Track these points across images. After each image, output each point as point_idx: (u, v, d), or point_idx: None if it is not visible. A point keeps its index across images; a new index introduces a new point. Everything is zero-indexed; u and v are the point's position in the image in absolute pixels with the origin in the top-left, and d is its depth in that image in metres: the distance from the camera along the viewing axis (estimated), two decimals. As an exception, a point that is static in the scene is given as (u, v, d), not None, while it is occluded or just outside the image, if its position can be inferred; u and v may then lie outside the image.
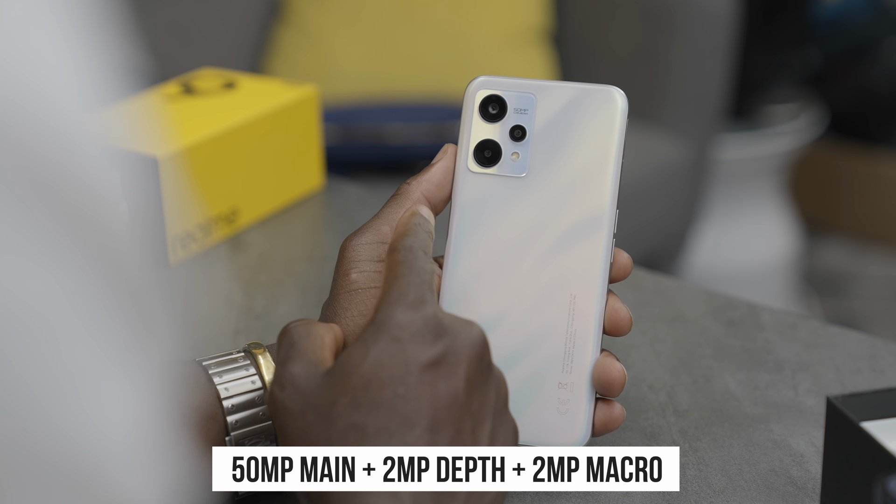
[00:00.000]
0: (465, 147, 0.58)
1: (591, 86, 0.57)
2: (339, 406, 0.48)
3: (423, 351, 0.49)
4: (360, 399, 0.48)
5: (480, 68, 1.79)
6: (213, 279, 0.83)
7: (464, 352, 0.50)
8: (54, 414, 0.28)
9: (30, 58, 0.28)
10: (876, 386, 0.68)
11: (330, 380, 0.49)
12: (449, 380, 0.49)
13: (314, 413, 0.49)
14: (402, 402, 0.48)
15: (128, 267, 0.30)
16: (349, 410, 0.48)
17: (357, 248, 0.57)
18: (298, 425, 0.49)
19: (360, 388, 0.48)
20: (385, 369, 0.48)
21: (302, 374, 0.50)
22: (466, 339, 0.50)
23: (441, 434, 0.48)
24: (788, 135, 2.20)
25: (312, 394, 0.49)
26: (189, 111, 0.89)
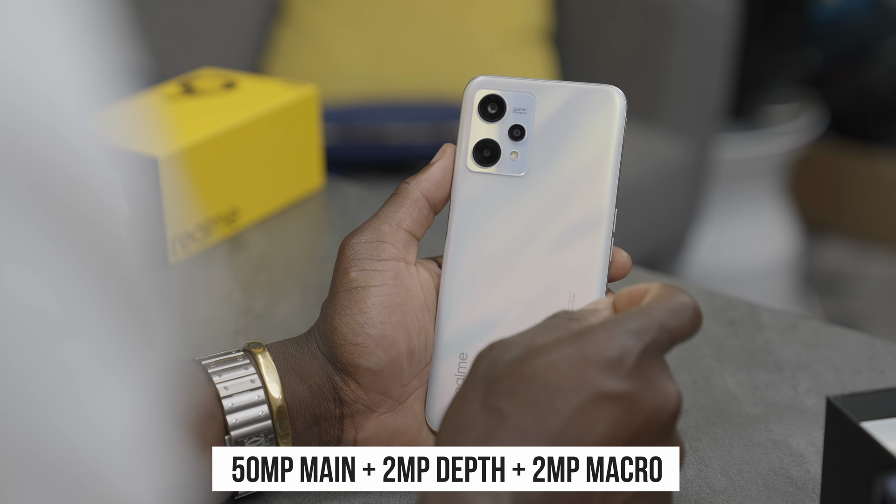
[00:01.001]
0: (465, 146, 0.58)
1: (589, 85, 0.58)
2: (500, 385, 0.47)
3: (606, 379, 0.46)
4: (520, 388, 0.46)
5: (480, 68, 1.79)
6: (212, 279, 0.83)
7: (649, 406, 0.46)
8: (51, 415, 0.28)
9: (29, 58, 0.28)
10: (876, 386, 0.68)
11: (513, 360, 0.47)
12: (613, 422, 0.46)
13: (485, 383, 0.47)
14: (554, 416, 0.46)
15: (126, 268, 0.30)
16: (504, 393, 0.46)
17: (356, 247, 0.57)
18: (469, 384, 0.48)
19: (527, 377, 0.46)
20: (558, 375, 0.46)
21: (511, 346, 0.48)
22: (660, 395, 0.46)
23: None
24: (788, 135, 2.20)
25: (497, 365, 0.47)
26: (189, 111, 0.89)
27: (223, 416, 0.55)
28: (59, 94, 0.28)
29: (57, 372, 0.28)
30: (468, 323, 0.58)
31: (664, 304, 0.48)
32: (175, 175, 0.82)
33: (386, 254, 0.57)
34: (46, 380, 0.27)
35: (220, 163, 0.86)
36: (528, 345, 0.48)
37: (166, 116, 0.88)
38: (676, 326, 0.48)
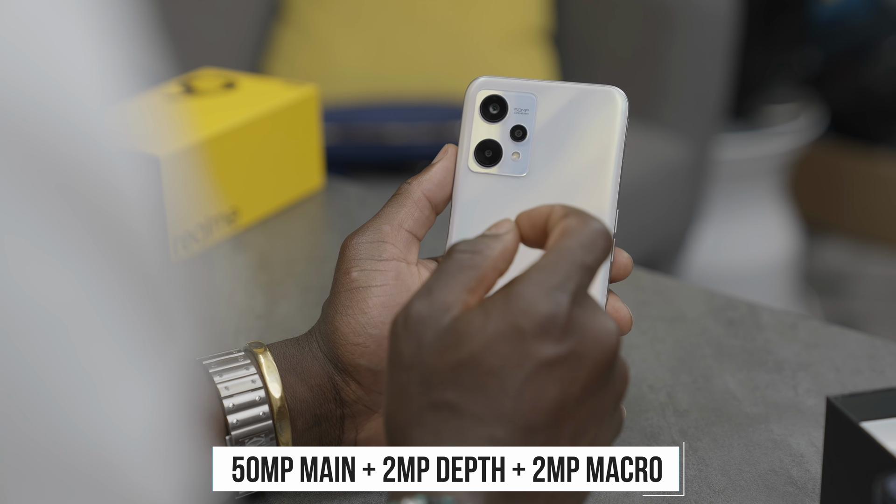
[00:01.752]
0: (466, 147, 0.59)
1: (591, 86, 0.58)
2: (441, 374, 0.46)
3: (544, 347, 0.45)
4: (463, 377, 0.45)
5: (480, 68, 1.79)
6: (213, 279, 0.83)
7: (591, 353, 0.46)
8: (72, 413, 0.28)
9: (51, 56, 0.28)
10: (876, 386, 0.68)
11: (444, 340, 0.46)
12: (562, 384, 0.46)
13: (418, 372, 0.46)
14: (504, 397, 0.45)
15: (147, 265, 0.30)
16: (450, 383, 0.45)
17: (357, 247, 0.57)
18: (402, 377, 0.46)
19: (467, 364, 0.45)
20: (498, 357, 0.45)
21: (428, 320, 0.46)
22: (598, 341, 0.46)
23: (536, 436, 0.46)
24: (788, 135, 2.20)
25: (425, 349, 0.46)
26: (189, 111, 0.89)
27: (224, 416, 0.55)
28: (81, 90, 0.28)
29: (79, 370, 0.28)
30: None
31: (577, 241, 0.47)
32: (176, 175, 0.82)
33: (387, 254, 0.57)
34: (68, 378, 0.28)
35: (220, 163, 0.86)
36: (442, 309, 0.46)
37: (167, 116, 0.89)
38: (594, 260, 0.47)
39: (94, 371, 0.28)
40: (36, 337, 0.27)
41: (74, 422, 0.28)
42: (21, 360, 0.27)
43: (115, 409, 0.29)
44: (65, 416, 0.28)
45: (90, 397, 0.28)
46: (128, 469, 0.29)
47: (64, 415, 0.28)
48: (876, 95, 2.50)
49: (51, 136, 0.27)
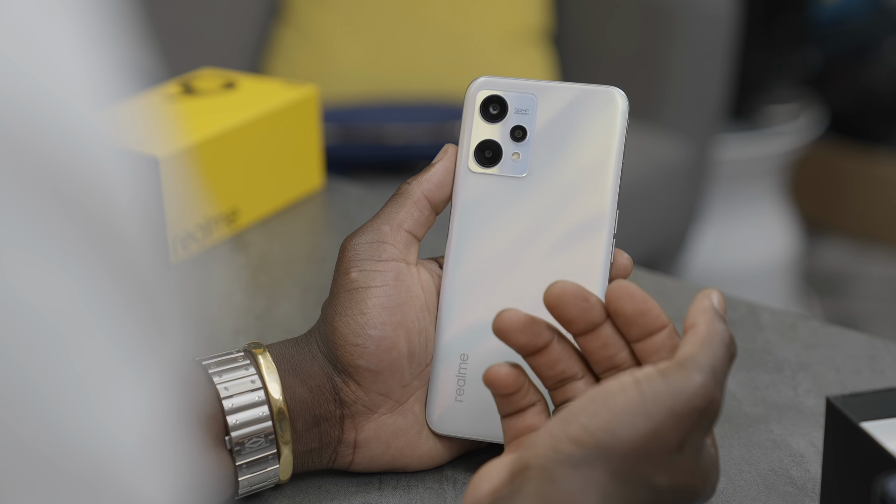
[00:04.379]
0: (466, 147, 0.59)
1: (591, 87, 0.58)
2: None
3: None
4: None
5: (480, 68, 1.79)
6: (213, 279, 0.83)
7: None
8: (66, 415, 0.28)
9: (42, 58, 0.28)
10: (876, 386, 0.68)
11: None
12: None
13: None
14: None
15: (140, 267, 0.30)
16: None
17: (357, 248, 0.57)
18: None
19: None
20: None
21: None
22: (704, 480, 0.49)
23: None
24: (788, 135, 2.20)
25: None
26: (189, 111, 0.89)
27: (223, 416, 0.55)
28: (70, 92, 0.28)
29: (72, 373, 0.28)
30: (469, 324, 0.58)
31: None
32: (175, 175, 0.82)
33: (387, 254, 0.57)
34: (61, 381, 0.28)
35: (220, 163, 0.86)
36: None
37: (167, 116, 0.88)
38: (719, 362, 0.49)
39: (89, 374, 0.28)
40: (30, 340, 0.27)
41: (68, 425, 0.28)
42: (15, 363, 0.27)
43: (110, 412, 0.28)
44: (59, 419, 0.28)
45: (84, 401, 0.28)
46: (122, 472, 0.29)
47: (58, 418, 0.27)
48: (876, 95, 2.50)
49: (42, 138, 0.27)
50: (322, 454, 0.58)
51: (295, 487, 0.59)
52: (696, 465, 0.48)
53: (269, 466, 0.57)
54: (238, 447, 0.56)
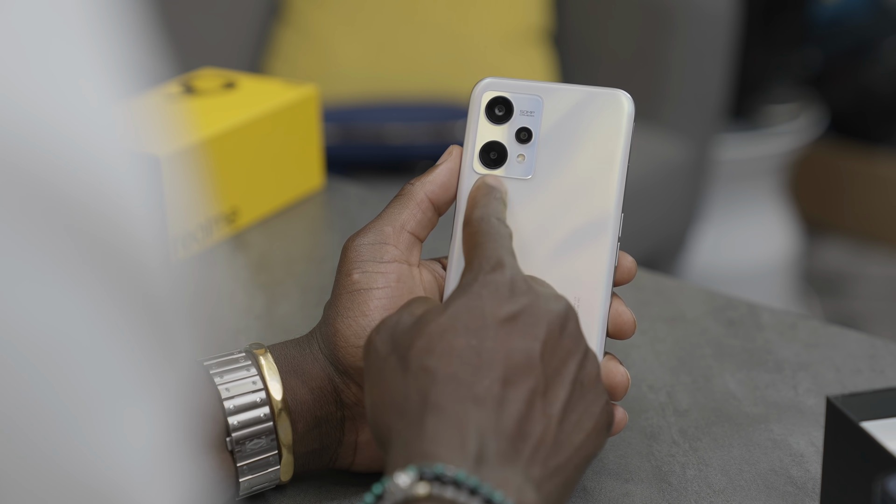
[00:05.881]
0: (471, 148, 0.58)
1: (598, 89, 0.57)
2: (414, 349, 0.49)
3: (501, 306, 0.50)
4: (434, 344, 0.49)
5: (480, 68, 1.79)
6: (213, 279, 0.83)
7: (544, 315, 0.50)
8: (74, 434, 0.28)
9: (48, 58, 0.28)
10: (876, 386, 0.68)
11: (412, 327, 0.50)
12: (525, 338, 0.49)
13: (395, 357, 0.50)
14: (475, 353, 0.48)
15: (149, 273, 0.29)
16: (423, 354, 0.49)
17: (359, 249, 0.57)
18: (380, 367, 0.50)
19: (435, 334, 0.49)
20: (461, 320, 0.49)
21: (397, 321, 0.51)
22: (548, 304, 0.50)
23: (513, 387, 0.48)
24: (788, 135, 2.20)
25: (398, 339, 0.50)
26: (189, 111, 0.89)
27: (224, 417, 0.55)
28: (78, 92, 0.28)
29: (79, 390, 0.28)
30: None
31: (484, 233, 0.54)
32: (176, 175, 0.82)
33: (389, 256, 0.57)
34: (68, 398, 0.27)
35: (220, 163, 0.86)
36: (409, 314, 0.51)
37: (167, 116, 0.88)
38: (506, 234, 0.54)
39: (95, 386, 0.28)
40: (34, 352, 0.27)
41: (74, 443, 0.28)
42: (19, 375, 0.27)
43: (117, 425, 0.28)
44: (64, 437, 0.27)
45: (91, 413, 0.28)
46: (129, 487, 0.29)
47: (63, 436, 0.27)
48: (876, 95, 2.50)
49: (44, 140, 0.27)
50: (323, 455, 0.58)
51: (295, 487, 0.59)
52: None
53: (270, 468, 0.56)
54: (239, 448, 0.56)
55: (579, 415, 0.50)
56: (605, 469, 0.61)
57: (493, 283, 0.50)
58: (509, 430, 0.47)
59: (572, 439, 0.49)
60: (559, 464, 0.49)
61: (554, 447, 0.49)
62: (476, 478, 0.45)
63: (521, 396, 0.48)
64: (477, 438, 0.47)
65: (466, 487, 0.45)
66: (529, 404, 0.48)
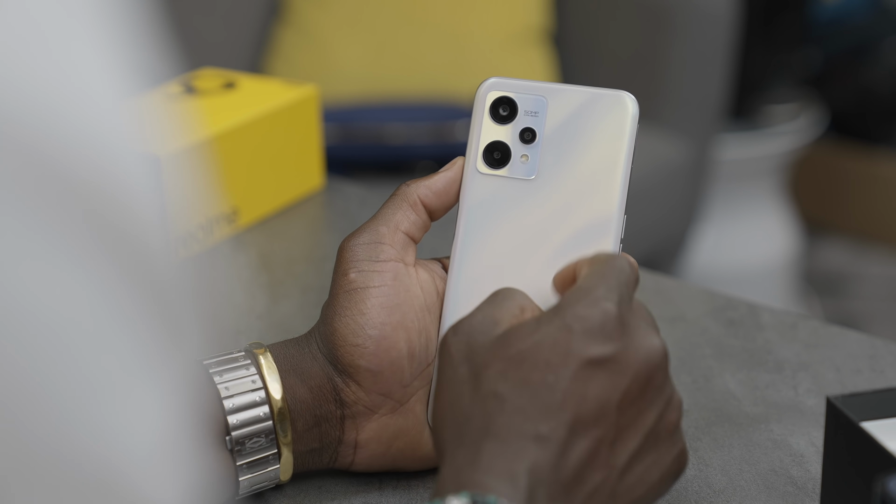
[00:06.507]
0: (475, 148, 0.58)
1: (602, 90, 0.57)
2: (489, 370, 0.47)
3: (590, 347, 0.47)
4: (510, 372, 0.47)
5: (480, 68, 1.79)
6: (214, 278, 0.83)
7: (634, 363, 0.48)
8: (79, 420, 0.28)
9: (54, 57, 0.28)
10: (876, 386, 0.68)
11: (494, 344, 0.48)
12: (605, 385, 0.47)
13: (468, 368, 0.48)
14: (548, 391, 0.47)
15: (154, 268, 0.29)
16: (496, 378, 0.47)
17: (355, 249, 0.57)
18: (451, 374, 0.49)
19: (514, 361, 0.47)
20: (544, 352, 0.47)
21: (478, 328, 0.49)
22: (643, 350, 0.48)
23: (579, 435, 0.46)
24: (788, 135, 2.20)
25: (476, 350, 0.48)
26: (189, 111, 0.89)
27: (224, 416, 0.55)
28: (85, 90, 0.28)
29: (85, 377, 0.28)
30: None
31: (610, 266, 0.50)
32: (177, 174, 0.82)
33: (385, 255, 0.57)
34: (75, 385, 0.27)
35: (220, 163, 0.86)
36: (492, 322, 0.49)
37: (168, 116, 0.88)
38: (628, 278, 0.50)
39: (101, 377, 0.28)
40: (41, 342, 0.27)
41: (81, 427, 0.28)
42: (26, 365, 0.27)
43: (122, 415, 0.28)
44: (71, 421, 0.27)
45: (96, 403, 0.28)
46: (134, 474, 0.29)
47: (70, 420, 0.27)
48: (876, 95, 2.50)
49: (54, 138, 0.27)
50: (323, 454, 0.58)
51: (295, 487, 0.59)
52: None
53: (269, 466, 0.57)
54: (238, 447, 0.56)
55: (648, 465, 0.49)
56: (605, 469, 0.61)
57: (590, 319, 0.48)
58: (566, 477, 0.46)
59: (634, 490, 0.48)
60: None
61: (611, 496, 0.47)
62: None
63: (586, 445, 0.47)
64: (529, 477, 0.45)
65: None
66: (593, 453, 0.47)
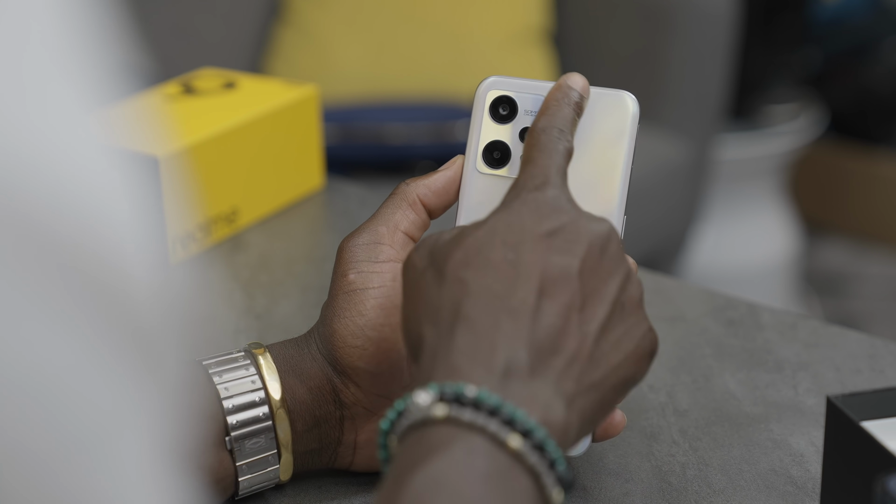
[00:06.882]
0: (474, 148, 0.58)
1: (602, 90, 0.57)
2: (451, 262, 0.48)
3: (540, 223, 0.49)
4: (470, 258, 0.48)
5: (480, 68, 1.79)
6: (213, 279, 0.83)
7: (584, 234, 0.49)
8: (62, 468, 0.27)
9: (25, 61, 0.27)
10: (876, 386, 0.68)
11: (450, 241, 0.49)
12: (563, 254, 0.48)
13: (432, 270, 0.49)
14: (510, 266, 0.48)
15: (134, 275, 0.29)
16: (459, 267, 0.48)
17: (354, 249, 0.57)
18: (416, 280, 0.49)
19: (472, 248, 0.48)
20: (499, 235, 0.48)
21: (436, 237, 0.50)
22: (589, 223, 0.49)
23: (549, 300, 0.47)
24: (788, 135, 2.20)
25: (436, 252, 0.49)
26: (189, 111, 0.89)
27: (223, 416, 0.55)
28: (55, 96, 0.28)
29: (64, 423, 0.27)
30: None
31: (540, 148, 0.53)
32: (176, 175, 0.82)
33: (384, 255, 0.57)
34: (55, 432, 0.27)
35: (220, 163, 0.86)
36: (451, 231, 0.50)
37: (167, 116, 0.88)
38: (567, 122, 0.54)
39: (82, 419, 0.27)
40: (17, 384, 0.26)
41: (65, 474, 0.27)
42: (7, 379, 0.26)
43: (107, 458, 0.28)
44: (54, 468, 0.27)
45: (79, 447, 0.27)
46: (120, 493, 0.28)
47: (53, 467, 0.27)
48: (876, 95, 2.50)
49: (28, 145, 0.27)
50: (322, 455, 0.58)
51: (295, 487, 0.59)
52: None
53: (269, 467, 0.56)
54: (238, 447, 0.56)
55: (619, 335, 0.49)
56: (605, 469, 0.61)
57: (534, 200, 0.50)
58: (542, 343, 0.46)
59: (610, 358, 0.48)
60: (594, 381, 0.47)
61: (589, 364, 0.47)
62: (498, 396, 0.44)
63: (556, 309, 0.47)
64: (506, 350, 0.45)
65: (486, 408, 0.43)
66: (565, 318, 0.47)
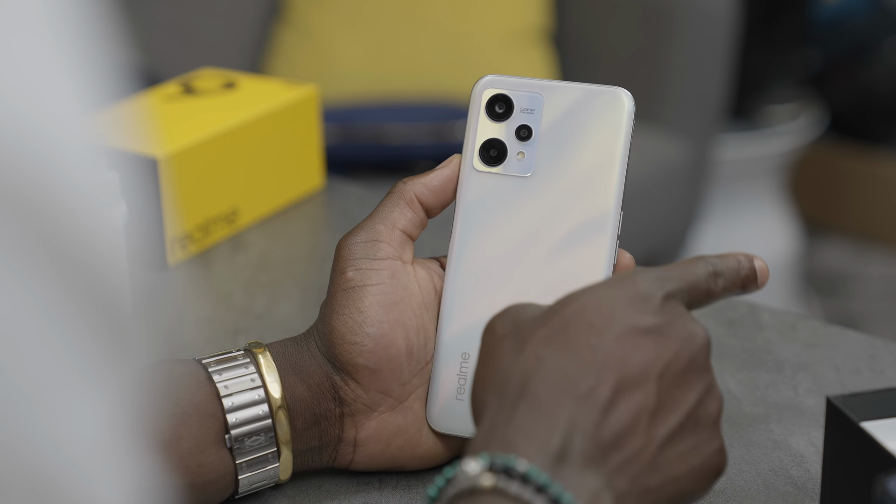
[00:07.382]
0: (471, 146, 0.59)
1: (598, 87, 0.57)
2: (534, 337, 0.47)
3: (636, 316, 0.47)
4: (554, 336, 0.46)
5: (480, 68, 1.79)
6: (213, 279, 0.83)
7: (678, 339, 0.47)
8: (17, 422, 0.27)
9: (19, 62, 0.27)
10: (876, 386, 0.68)
11: (538, 318, 0.48)
12: (648, 352, 0.46)
13: (512, 340, 0.47)
14: (590, 352, 0.46)
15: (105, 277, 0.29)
16: (540, 343, 0.46)
17: (352, 247, 0.57)
18: (494, 346, 0.48)
19: (558, 327, 0.47)
20: (588, 316, 0.47)
21: (524, 308, 0.49)
22: (687, 329, 0.47)
23: (621, 398, 0.45)
24: (788, 135, 2.20)
25: (521, 324, 0.48)
26: (189, 111, 0.89)
27: (223, 414, 0.55)
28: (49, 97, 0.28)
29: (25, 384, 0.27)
30: (471, 323, 0.58)
31: (706, 266, 0.50)
32: (175, 175, 0.82)
33: (382, 253, 0.57)
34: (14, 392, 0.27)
35: (220, 163, 0.86)
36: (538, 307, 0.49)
37: (166, 116, 0.88)
38: (694, 279, 0.50)
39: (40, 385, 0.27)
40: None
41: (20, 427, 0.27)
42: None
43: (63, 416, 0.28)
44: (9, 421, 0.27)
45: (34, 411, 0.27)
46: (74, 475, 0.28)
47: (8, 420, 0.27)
48: (876, 95, 2.50)
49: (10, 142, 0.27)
50: (322, 453, 0.58)
51: (295, 487, 0.59)
52: None
53: (268, 465, 0.57)
54: (238, 445, 0.56)
55: (687, 448, 0.47)
56: (605, 469, 0.60)
57: (643, 289, 0.47)
58: (604, 436, 0.45)
59: (672, 468, 0.46)
60: (649, 486, 0.45)
61: (649, 468, 0.45)
62: (547, 475, 0.43)
63: (627, 407, 0.45)
64: (564, 434, 0.44)
65: (534, 484, 0.42)
66: (635, 417, 0.45)
